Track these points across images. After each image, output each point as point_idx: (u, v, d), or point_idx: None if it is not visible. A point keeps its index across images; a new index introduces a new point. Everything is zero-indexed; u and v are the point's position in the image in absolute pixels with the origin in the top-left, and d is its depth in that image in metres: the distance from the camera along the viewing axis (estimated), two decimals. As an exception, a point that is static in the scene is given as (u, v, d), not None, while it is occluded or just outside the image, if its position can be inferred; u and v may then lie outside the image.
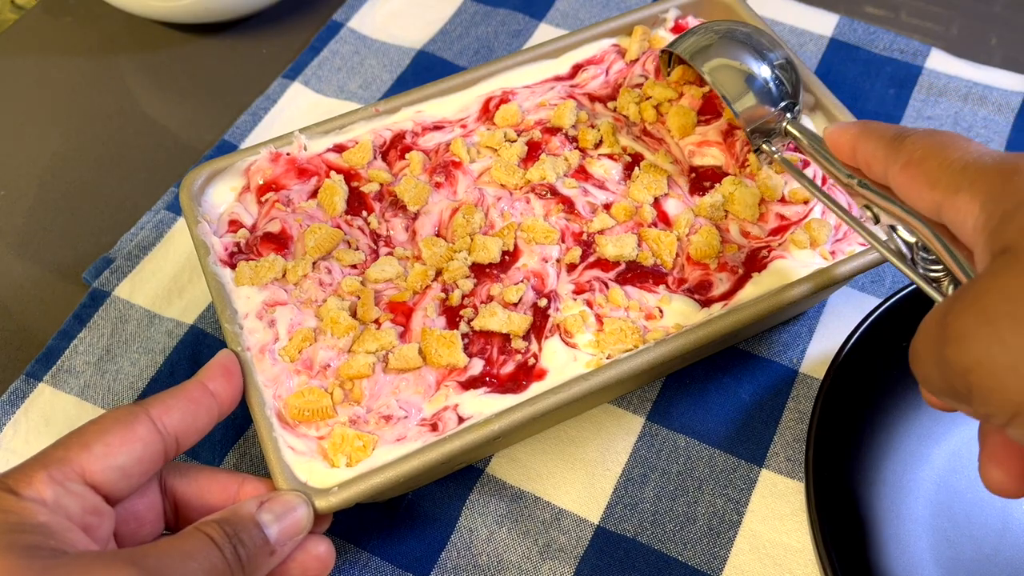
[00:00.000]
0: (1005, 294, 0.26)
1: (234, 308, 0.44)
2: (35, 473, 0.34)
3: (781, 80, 0.47)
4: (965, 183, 0.30)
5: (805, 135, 0.44)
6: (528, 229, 0.47)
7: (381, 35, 0.68)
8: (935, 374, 0.28)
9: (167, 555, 0.33)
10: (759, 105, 0.46)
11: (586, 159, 0.51)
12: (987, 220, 0.29)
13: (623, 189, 0.49)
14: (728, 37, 0.48)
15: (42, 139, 0.64)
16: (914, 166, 0.33)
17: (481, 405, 0.42)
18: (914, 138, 0.34)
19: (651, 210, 0.48)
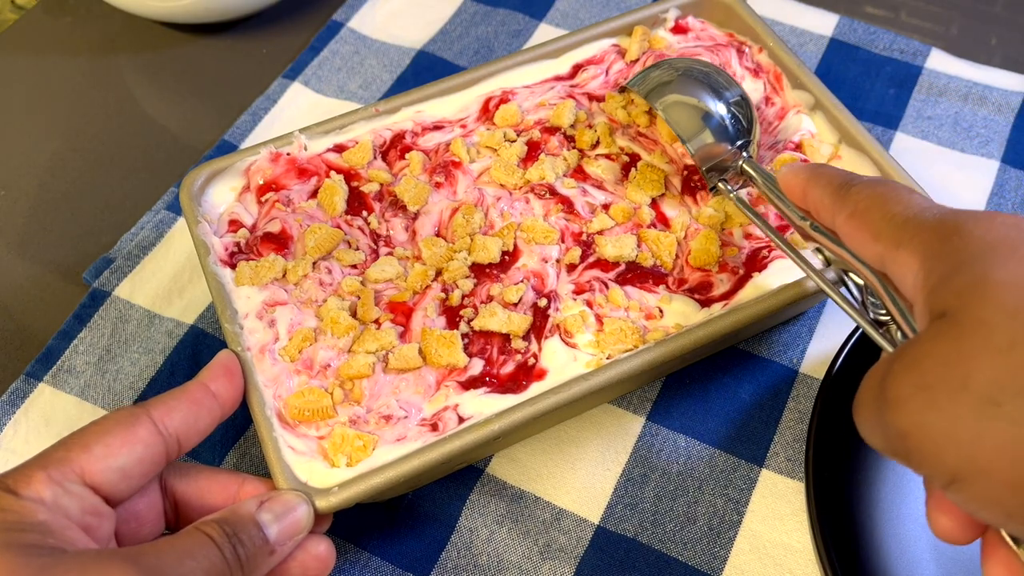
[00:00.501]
0: (942, 360, 0.26)
1: (234, 308, 0.45)
2: (34, 473, 0.34)
3: (737, 118, 0.47)
4: (906, 238, 0.30)
5: (760, 175, 0.44)
6: (528, 229, 0.47)
7: (381, 35, 0.68)
8: (876, 434, 0.29)
9: (165, 554, 0.33)
10: (715, 144, 0.46)
11: (584, 159, 0.51)
12: (926, 279, 0.29)
13: (621, 190, 0.49)
14: (686, 75, 0.48)
15: (42, 139, 0.64)
16: (859, 217, 0.33)
17: (481, 405, 0.42)
18: (859, 187, 0.34)
19: (649, 211, 0.48)
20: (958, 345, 0.26)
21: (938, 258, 0.29)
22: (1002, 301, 0.26)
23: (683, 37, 0.55)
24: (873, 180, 0.34)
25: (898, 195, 0.32)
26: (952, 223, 0.29)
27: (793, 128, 0.50)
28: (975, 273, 0.27)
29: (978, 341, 0.26)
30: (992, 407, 0.25)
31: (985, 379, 0.25)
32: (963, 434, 0.25)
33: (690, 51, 0.54)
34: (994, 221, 0.29)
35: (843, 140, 0.50)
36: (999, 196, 0.58)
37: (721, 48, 0.54)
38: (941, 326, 0.27)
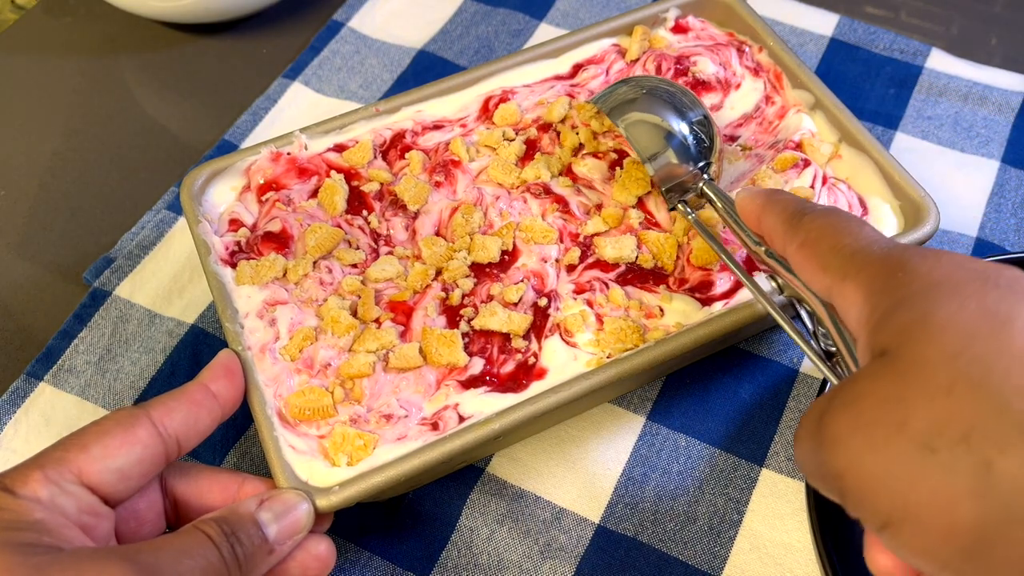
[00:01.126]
0: (880, 400, 0.26)
1: (235, 307, 0.45)
2: (31, 473, 0.34)
3: (700, 139, 0.46)
4: (852, 271, 0.30)
5: (719, 197, 0.44)
6: (526, 229, 0.47)
7: (381, 35, 0.68)
8: (813, 470, 0.28)
9: (162, 552, 0.33)
10: (676, 164, 0.46)
11: (572, 158, 0.51)
12: (869, 314, 0.29)
13: (609, 188, 0.49)
14: (651, 94, 0.47)
15: (42, 139, 0.64)
16: (809, 246, 0.33)
17: (481, 404, 0.42)
18: (811, 217, 0.34)
19: (637, 213, 0.48)
20: (897, 386, 0.26)
21: (882, 293, 0.28)
22: (942, 342, 0.25)
23: (683, 36, 0.55)
24: (825, 210, 0.34)
25: (848, 227, 0.32)
26: (898, 259, 0.29)
27: (793, 127, 0.50)
28: (917, 312, 0.27)
29: (917, 383, 0.25)
30: (928, 453, 0.24)
31: (922, 423, 0.24)
32: (897, 479, 0.25)
33: (690, 50, 0.54)
34: (940, 259, 0.28)
35: (843, 139, 0.50)
36: (999, 196, 0.58)
37: (721, 47, 0.54)
38: (881, 365, 0.27)
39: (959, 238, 0.57)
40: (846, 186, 0.48)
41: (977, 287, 0.26)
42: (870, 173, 0.48)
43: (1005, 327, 0.25)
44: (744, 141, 0.51)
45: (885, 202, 0.47)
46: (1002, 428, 0.23)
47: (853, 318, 0.30)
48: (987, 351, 0.25)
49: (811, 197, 0.47)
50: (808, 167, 0.48)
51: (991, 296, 0.26)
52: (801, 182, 0.48)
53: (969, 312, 0.26)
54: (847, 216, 0.33)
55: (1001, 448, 0.23)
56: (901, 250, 0.29)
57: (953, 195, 0.58)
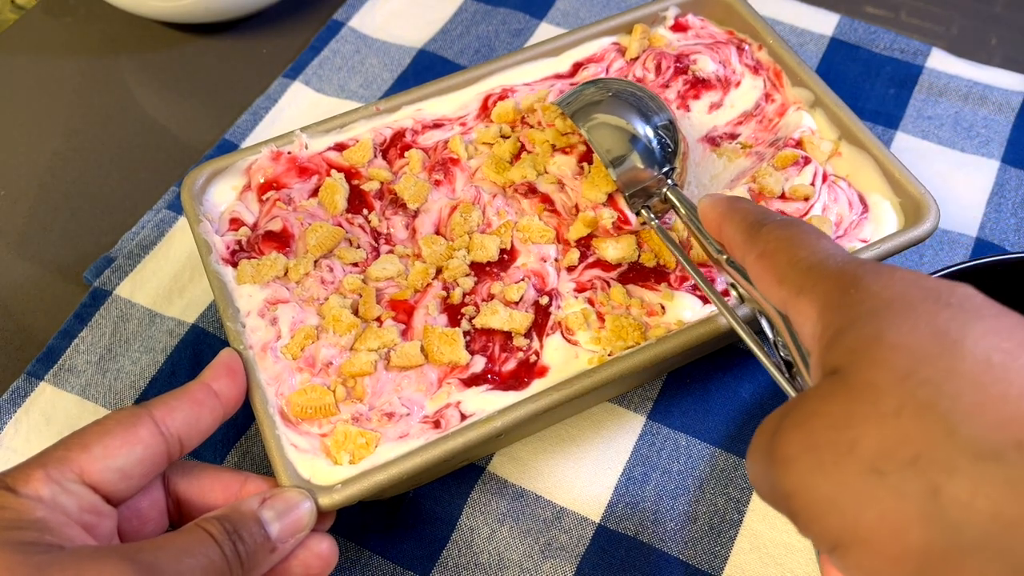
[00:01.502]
0: (830, 422, 0.26)
1: (236, 306, 0.44)
2: (33, 472, 0.34)
3: (665, 143, 0.46)
4: (808, 285, 0.30)
5: (682, 203, 0.43)
6: (524, 229, 0.47)
7: (382, 34, 0.68)
8: (765, 491, 0.28)
9: (163, 550, 0.33)
10: (640, 168, 0.45)
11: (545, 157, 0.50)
12: (823, 331, 0.28)
13: (579, 184, 0.49)
14: (616, 96, 0.47)
15: (42, 139, 0.64)
16: (767, 258, 0.33)
17: (483, 402, 0.42)
18: (770, 228, 0.34)
19: (610, 213, 0.47)
20: (847, 407, 0.25)
21: (835, 310, 0.28)
22: (892, 364, 0.25)
23: (683, 35, 0.55)
24: (785, 222, 0.34)
25: (805, 240, 0.32)
26: (851, 275, 0.29)
27: (793, 125, 0.50)
28: (868, 331, 0.26)
29: (866, 405, 0.25)
30: (877, 476, 0.24)
31: (871, 446, 0.24)
32: (847, 501, 0.25)
33: (690, 48, 0.54)
34: (893, 276, 0.28)
35: (843, 137, 0.50)
36: (999, 196, 0.58)
37: (721, 45, 0.54)
38: (832, 384, 0.26)
39: (959, 238, 0.57)
40: (846, 183, 0.48)
41: (929, 306, 0.26)
42: (870, 170, 0.48)
43: (955, 348, 0.25)
44: (744, 139, 0.51)
45: (885, 199, 0.47)
46: (950, 453, 0.23)
47: (808, 333, 0.30)
48: (936, 373, 0.24)
49: (811, 195, 0.47)
50: (808, 165, 0.48)
51: (942, 316, 0.26)
52: (801, 179, 0.48)
53: (920, 333, 0.25)
54: (806, 228, 0.33)
55: (949, 473, 0.23)
56: (856, 266, 0.29)
57: (953, 195, 0.58)
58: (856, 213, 0.47)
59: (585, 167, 0.49)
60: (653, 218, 0.45)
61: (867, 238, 0.46)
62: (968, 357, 0.24)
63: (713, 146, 0.51)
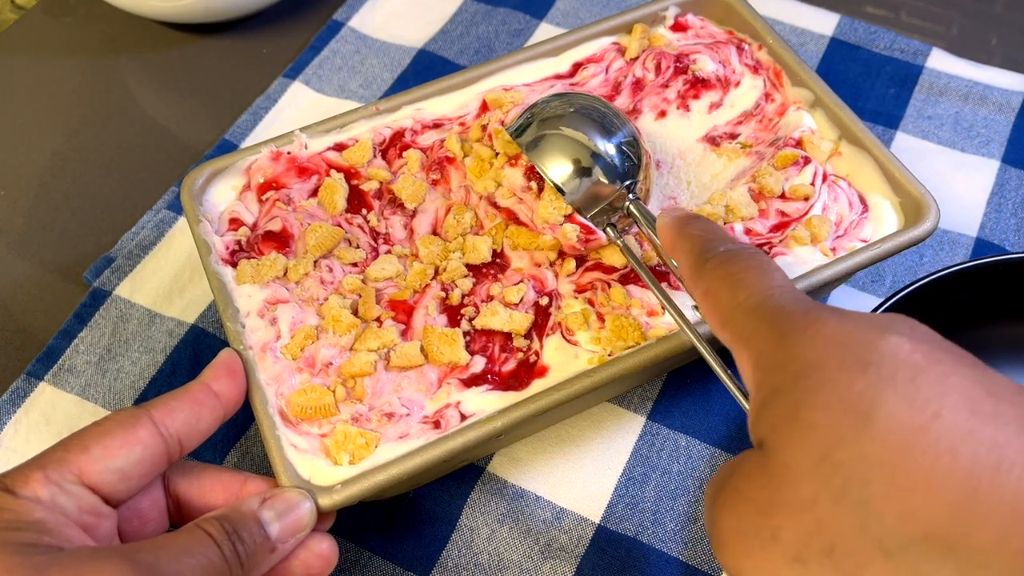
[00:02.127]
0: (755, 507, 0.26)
1: (236, 307, 0.44)
2: (32, 473, 0.34)
3: (627, 156, 0.44)
4: (745, 334, 0.30)
5: (645, 217, 0.43)
6: (512, 236, 0.47)
7: (382, 34, 0.68)
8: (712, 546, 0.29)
9: (163, 550, 0.33)
10: (602, 184, 0.44)
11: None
12: (754, 392, 0.29)
13: (530, 197, 0.46)
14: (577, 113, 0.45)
15: (42, 139, 0.64)
16: (711, 298, 0.32)
17: (483, 402, 0.42)
18: (713, 264, 0.33)
19: (572, 228, 0.45)
20: (769, 493, 0.26)
21: (764, 372, 0.28)
22: (807, 445, 0.25)
23: (683, 35, 0.55)
24: (728, 255, 0.33)
25: (745, 279, 0.31)
26: (781, 329, 0.29)
27: (793, 124, 0.50)
28: (788, 404, 0.27)
29: (786, 492, 0.25)
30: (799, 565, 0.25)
31: (792, 535, 0.25)
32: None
33: (690, 48, 0.54)
34: (818, 335, 0.28)
35: (843, 137, 0.50)
36: (999, 196, 0.58)
37: (721, 45, 0.54)
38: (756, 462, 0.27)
39: (959, 238, 0.57)
40: (846, 183, 0.48)
41: (846, 374, 0.26)
42: (870, 170, 0.48)
43: (867, 427, 0.25)
44: (744, 138, 0.51)
45: (885, 199, 0.47)
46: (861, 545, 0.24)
47: (747, 383, 0.30)
48: (848, 457, 0.25)
49: (811, 195, 0.47)
50: (808, 164, 0.48)
51: (857, 386, 0.25)
52: (801, 179, 0.48)
53: (834, 409, 0.25)
54: (747, 263, 0.32)
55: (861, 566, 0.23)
56: (785, 317, 0.29)
57: (953, 195, 0.58)
58: (856, 213, 0.47)
59: (534, 187, 0.46)
60: (618, 236, 0.44)
61: (867, 238, 0.46)
62: (879, 437, 0.24)
63: (713, 146, 0.51)
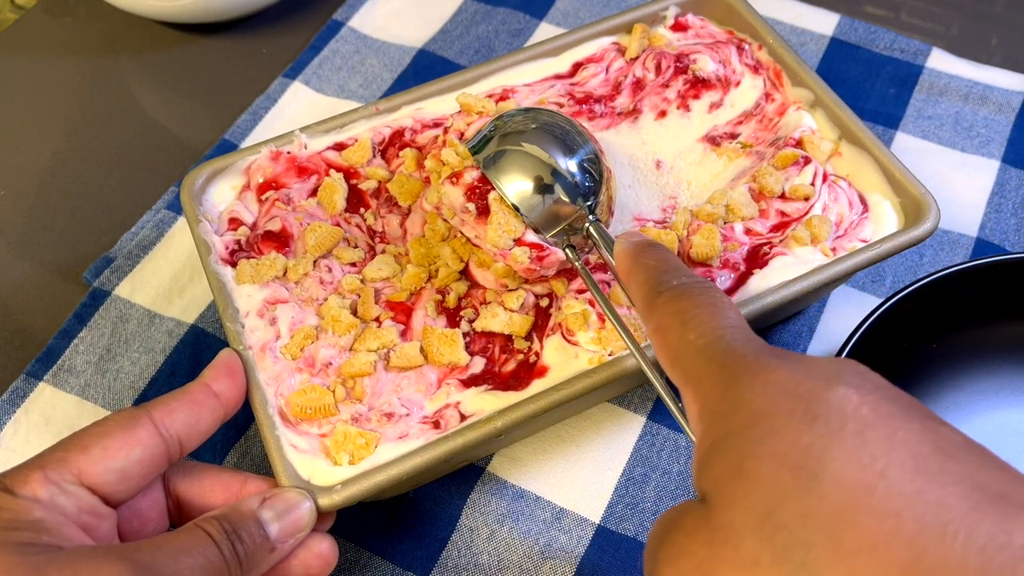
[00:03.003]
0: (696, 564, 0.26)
1: (235, 307, 0.44)
2: (31, 473, 0.34)
3: (588, 175, 0.43)
4: (693, 377, 0.29)
5: (604, 240, 0.41)
6: (477, 253, 0.46)
7: (381, 34, 0.68)
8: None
9: (161, 550, 0.33)
10: (563, 203, 0.42)
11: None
12: (700, 440, 0.28)
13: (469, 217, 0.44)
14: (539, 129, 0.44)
15: (42, 139, 0.64)
16: (661, 335, 0.32)
17: (483, 402, 0.42)
18: (664, 300, 0.33)
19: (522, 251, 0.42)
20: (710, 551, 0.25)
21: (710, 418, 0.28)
22: (751, 503, 0.25)
23: (683, 34, 0.55)
24: (680, 289, 0.33)
25: (696, 316, 0.31)
26: (729, 375, 0.28)
27: (793, 124, 0.50)
28: (732, 459, 0.26)
29: (728, 549, 0.25)
30: None
31: None
32: None
33: (690, 48, 0.54)
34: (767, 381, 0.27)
35: (843, 136, 0.50)
36: (999, 196, 0.58)
37: (721, 45, 0.54)
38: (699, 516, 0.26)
39: (959, 238, 0.57)
40: (847, 183, 0.48)
41: (794, 426, 0.25)
42: (870, 170, 0.48)
43: (813, 485, 0.24)
44: (744, 138, 0.51)
45: (885, 199, 0.47)
46: None
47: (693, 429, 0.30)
48: (792, 518, 0.24)
49: (811, 195, 0.47)
50: (808, 164, 0.48)
51: (804, 440, 0.25)
52: (801, 179, 0.48)
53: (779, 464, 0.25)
54: (699, 299, 0.32)
55: None
56: (735, 361, 0.29)
57: (953, 195, 0.58)
58: (856, 213, 0.47)
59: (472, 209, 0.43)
60: (577, 259, 0.43)
61: (867, 238, 0.46)
62: (825, 497, 0.24)
63: (713, 145, 0.51)
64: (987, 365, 0.49)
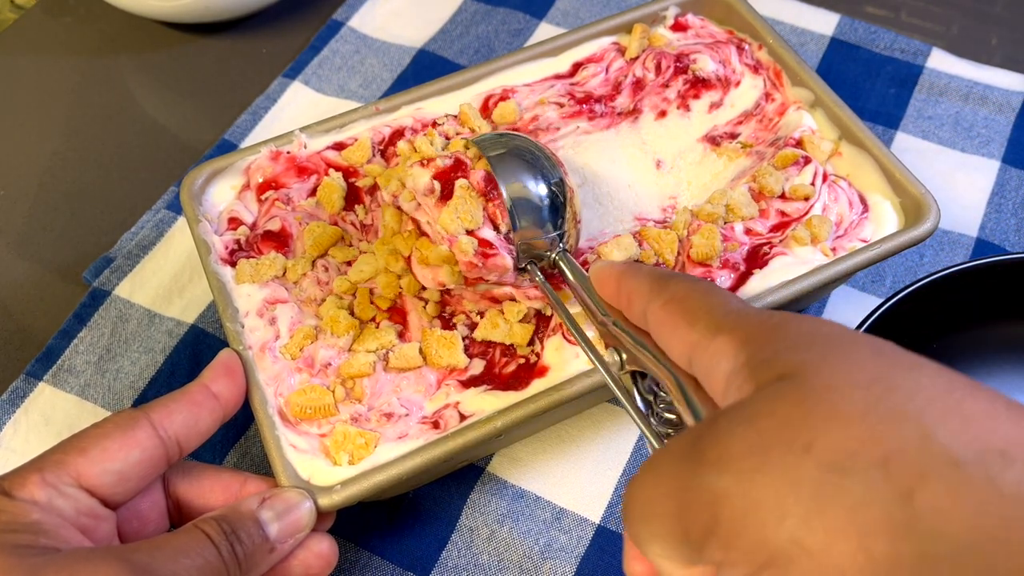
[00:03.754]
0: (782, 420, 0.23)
1: (235, 306, 0.44)
2: (30, 475, 0.34)
3: (558, 203, 0.42)
4: (727, 327, 0.28)
5: (571, 269, 0.41)
6: (421, 247, 0.43)
7: (381, 34, 0.68)
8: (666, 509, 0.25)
9: (160, 551, 0.33)
10: (539, 229, 0.42)
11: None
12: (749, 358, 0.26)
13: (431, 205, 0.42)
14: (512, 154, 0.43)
15: (42, 139, 0.64)
16: (676, 303, 0.31)
17: (482, 403, 0.42)
18: (679, 279, 0.32)
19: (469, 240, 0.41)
20: (802, 408, 0.23)
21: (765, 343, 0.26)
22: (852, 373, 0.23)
23: (683, 34, 0.55)
24: (693, 277, 0.33)
25: (718, 291, 0.31)
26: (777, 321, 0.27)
27: (793, 124, 0.50)
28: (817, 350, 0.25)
29: (827, 406, 0.22)
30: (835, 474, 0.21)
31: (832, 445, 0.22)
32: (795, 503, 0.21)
33: (690, 48, 0.54)
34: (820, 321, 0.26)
35: (843, 136, 0.50)
36: (1000, 196, 0.58)
37: (721, 45, 0.54)
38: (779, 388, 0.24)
39: (959, 238, 0.56)
40: (847, 183, 0.48)
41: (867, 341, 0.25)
42: (870, 170, 0.48)
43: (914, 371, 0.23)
44: (744, 138, 0.51)
45: (886, 199, 0.47)
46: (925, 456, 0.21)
47: (721, 372, 0.27)
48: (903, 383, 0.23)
49: (811, 195, 0.47)
50: (808, 164, 0.48)
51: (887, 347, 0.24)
52: (801, 179, 0.48)
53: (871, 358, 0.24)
54: (715, 284, 0.32)
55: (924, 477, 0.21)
56: (778, 315, 0.28)
57: (954, 195, 0.58)
58: (856, 213, 0.47)
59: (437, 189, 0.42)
60: (538, 274, 0.43)
61: (867, 238, 0.46)
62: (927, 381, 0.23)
63: (713, 145, 0.51)
64: (987, 365, 0.49)
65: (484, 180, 0.42)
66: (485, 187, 0.42)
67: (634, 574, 0.31)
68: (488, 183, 0.42)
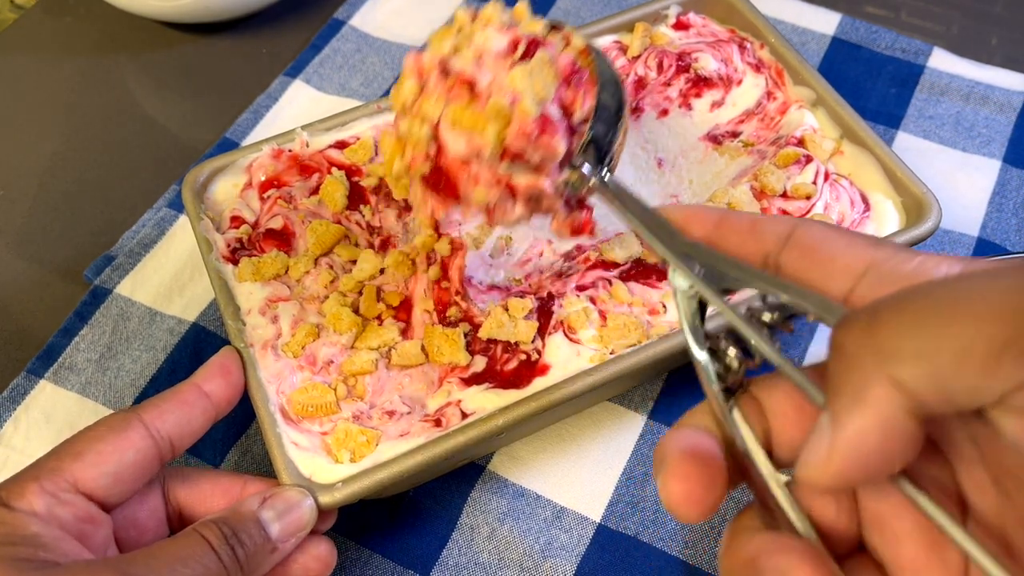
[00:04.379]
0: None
1: (236, 304, 0.44)
2: (27, 485, 0.34)
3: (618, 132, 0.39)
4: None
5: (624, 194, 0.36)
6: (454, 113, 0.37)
7: (383, 33, 0.68)
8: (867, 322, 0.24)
9: (156, 559, 0.33)
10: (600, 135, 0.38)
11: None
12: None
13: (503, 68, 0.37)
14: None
15: (42, 139, 0.64)
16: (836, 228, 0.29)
17: (484, 400, 0.42)
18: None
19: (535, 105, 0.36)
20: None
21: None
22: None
23: (684, 33, 0.55)
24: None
25: None
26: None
27: (795, 123, 0.50)
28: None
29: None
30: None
31: None
32: None
33: (692, 47, 0.54)
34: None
35: (845, 135, 0.50)
36: (1000, 196, 0.58)
37: (723, 44, 0.54)
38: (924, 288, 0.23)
39: (960, 238, 0.56)
40: (848, 182, 0.48)
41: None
42: (872, 169, 0.48)
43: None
44: (746, 137, 0.51)
45: (887, 198, 0.47)
46: None
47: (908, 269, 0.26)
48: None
49: (813, 194, 0.47)
50: (810, 163, 0.48)
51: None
52: (803, 178, 0.48)
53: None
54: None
55: None
56: None
57: (955, 195, 0.58)
58: (858, 212, 0.47)
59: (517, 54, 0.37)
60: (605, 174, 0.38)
61: (869, 237, 0.46)
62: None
63: (715, 144, 0.51)
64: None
65: (571, 64, 0.38)
66: (571, 71, 0.38)
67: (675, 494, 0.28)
68: (574, 70, 0.38)
